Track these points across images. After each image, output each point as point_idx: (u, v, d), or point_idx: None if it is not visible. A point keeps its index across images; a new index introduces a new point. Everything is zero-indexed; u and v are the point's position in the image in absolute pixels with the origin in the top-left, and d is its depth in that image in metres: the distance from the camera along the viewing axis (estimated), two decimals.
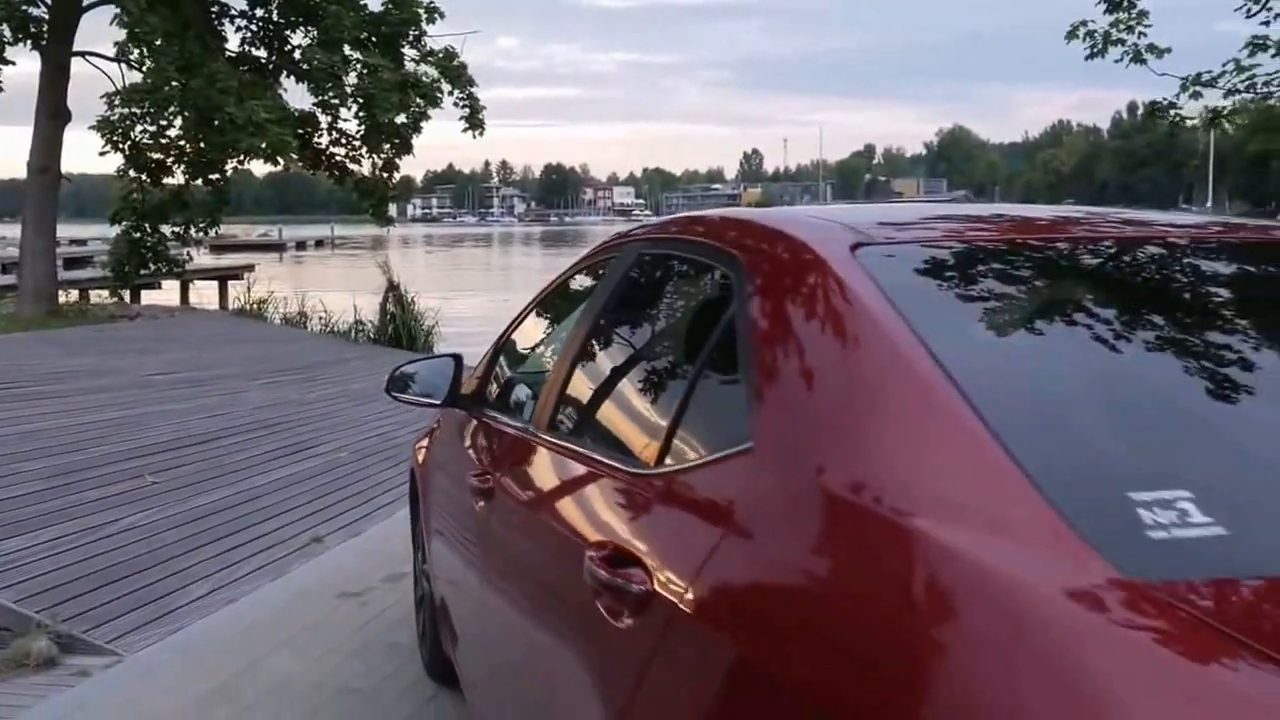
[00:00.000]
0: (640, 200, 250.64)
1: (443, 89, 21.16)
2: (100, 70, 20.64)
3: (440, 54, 21.25)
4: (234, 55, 21.17)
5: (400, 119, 20.83)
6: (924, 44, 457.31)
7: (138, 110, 20.30)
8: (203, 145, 20.34)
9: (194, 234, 22.47)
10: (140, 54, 20.44)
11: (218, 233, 24.18)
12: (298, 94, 21.80)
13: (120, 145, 20.88)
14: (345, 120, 21.61)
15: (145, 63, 20.42)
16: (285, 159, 19.75)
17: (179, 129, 20.72)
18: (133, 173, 21.35)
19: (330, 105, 21.17)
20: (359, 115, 21.01)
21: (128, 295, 23.08)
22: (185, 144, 21.03)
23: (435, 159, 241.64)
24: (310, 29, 20.96)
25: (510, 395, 3.66)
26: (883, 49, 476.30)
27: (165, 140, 21.10)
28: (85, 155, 20.43)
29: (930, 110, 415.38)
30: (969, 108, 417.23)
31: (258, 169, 22.69)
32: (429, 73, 21.25)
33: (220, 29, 21.29)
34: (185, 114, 19.63)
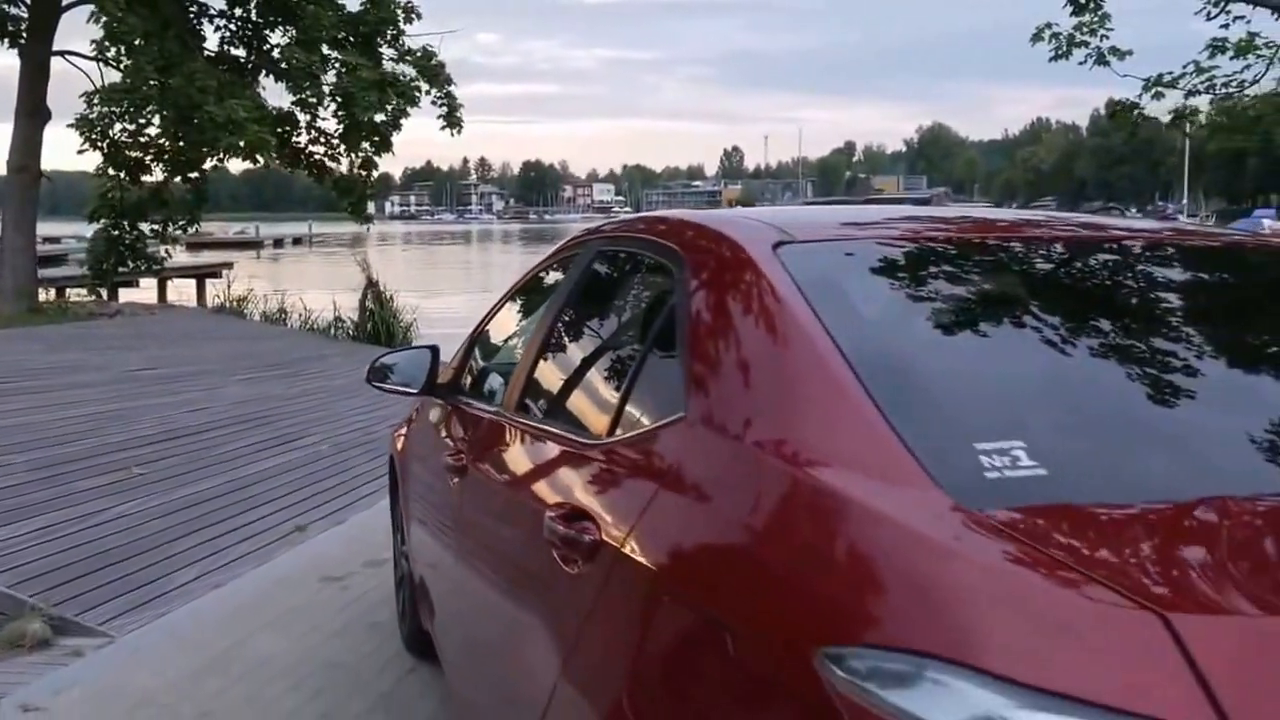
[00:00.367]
0: (620, 197, 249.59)
1: (421, 88, 21.33)
2: (79, 69, 20.75)
3: (418, 53, 21.44)
4: (213, 55, 21.26)
5: (379, 118, 20.97)
6: (904, 41, 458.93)
7: (116, 109, 20.39)
8: (182, 144, 20.41)
9: (173, 232, 22.56)
10: (118, 52, 20.50)
11: (197, 230, 24.26)
12: (276, 93, 21.92)
13: (99, 144, 20.92)
14: (324, 119, 21.76)
15: (123, 61, 20.48)
16: (265, 158, 19.89)
17: (158, 127, 20.80)
18: (111, 171, 21.36)
19: (308, 104, 21.29)
20: (337, 114, 21.17)
21: (104, 293, 23.12)
22: (164, 142, 21.10)
23: (413, 156, 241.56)
24: (289, 28, 21.09)
25: (483, 382, 3.91)
26: (864, 46, 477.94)
27: (144, 139, 21.19)
28: (57, 152, 20.44)
29: (910, 108, 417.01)
30: (949, 105, 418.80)
31: (234, 166, 22.74)
32: (407, 72, 21.42)
33: (199, 28, 21.39)
34: (164, 113, 19.70)
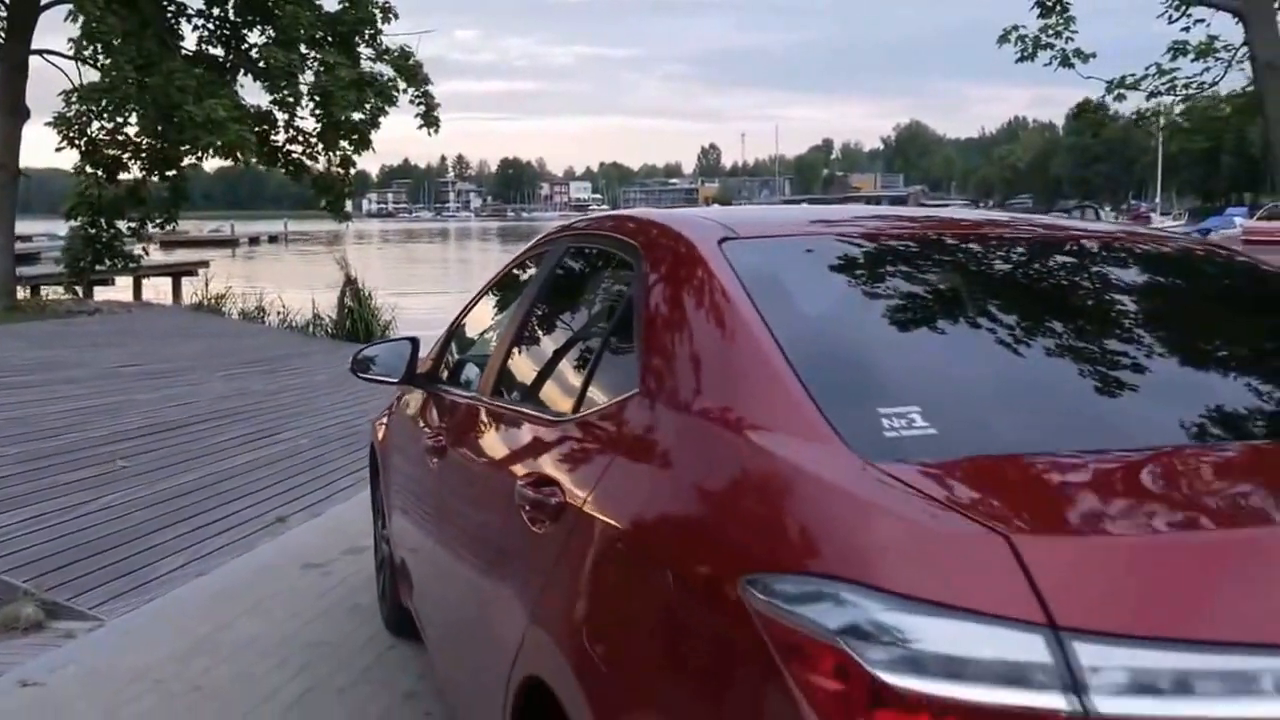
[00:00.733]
0: (597, 195, 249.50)
1: (399, 87, 21.54)
2: (56, 67, 20.84)
3: (396, 53, 21.65)
4: (191, 54, 21.39)
5: (357, 116, 21.17)
6: (883, 40, 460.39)
7: (94, 107, 20.49)
8: (162, 143, 20.53)
9: (150, 229, 22.66)
10: (94, 51, 20.59)
11: (174, 228, 24.36)
12: (254, 91, 22.01)
13: (76, 142, 21.05)
14: (302, 118, 21.94)
15: (99, 59, 20.55)
16: (245, 156, 20.04)
17: (136, 126, 20.96)
18: (89, 169, 21.46)
19: (286, 103, 21.44)
20: (315, 113, 21.34)
21: (80, 291, 23.17)
22: (142, 140, 21.23)
23: (391, 154, 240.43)
24: (267, 28, 21.25)
25: (460, 371, 4.16)
26: (841, 44, 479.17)
27: (123, 137, 21.33)
28: (28, 150, 20.39)
29: (888, 105, 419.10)
30: (927, 103, 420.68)
31: (209, 164, 22.81)
32: (385, 71, 21.64)
33: (177, 28, 21.51)
34: (144, 112, 19.82)
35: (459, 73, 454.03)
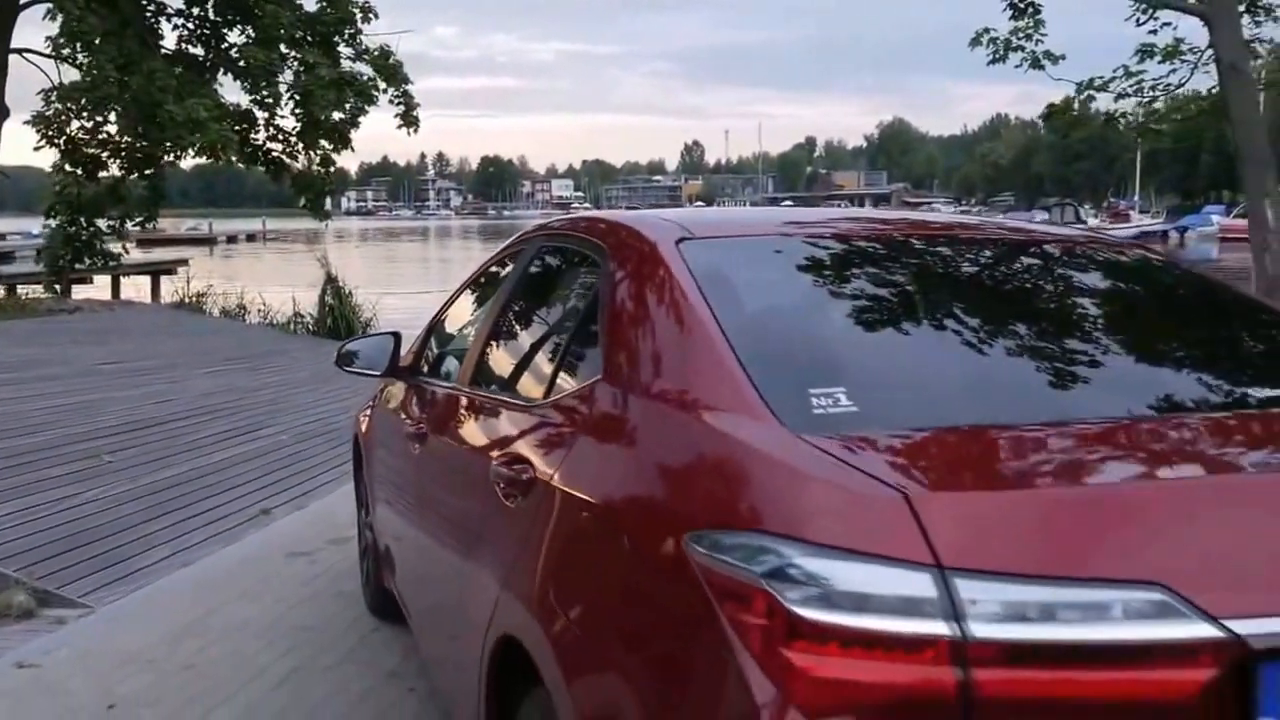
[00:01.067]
0: (580, 193, 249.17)
1: (379, 87, 21.70)
2: (36, 66, 20.90)
3: (376, 52, 21.80)
4: (170, 53, 21.47)
5: (337, 116, 21.31)
6: (866, 37, 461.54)
7: (74, 106, 20.57)
8: (142, 142, 20.62)
9: (130, 228, 22.75)
10: (73, 50, 20.64)
11: (154, 226, 24.44)
12: (233, 90, 22.09)
13: (56, 140, 21.14)
14: (282, 116, 22.05)
15: (79, 58, 20.61)
16: (227, 155, 20.18)
17: (116, 124, 21.01)
18: (68, 167, 21.53)
19: (266, 103, 21.57)
20: (295, 112, 21.48)
21: (58, 289, 23.23)
22: (123, 139, 21.32)
23: (370, 151, 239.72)
24: (247, 28, 21.37)
25: (441, 363, 4.39)
26: (824, 41, 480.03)
27: (103, 136, 21.42)
28: (3, 148, 20.46)
29: (871, 103, 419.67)
30: (909, 101, 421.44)
31: (186, 161, 22.86)
32: (364, 71, 21.79)
33: (156, 27, 21.62)
34: (124, 111, 19.89)
35: (440, 70, 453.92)
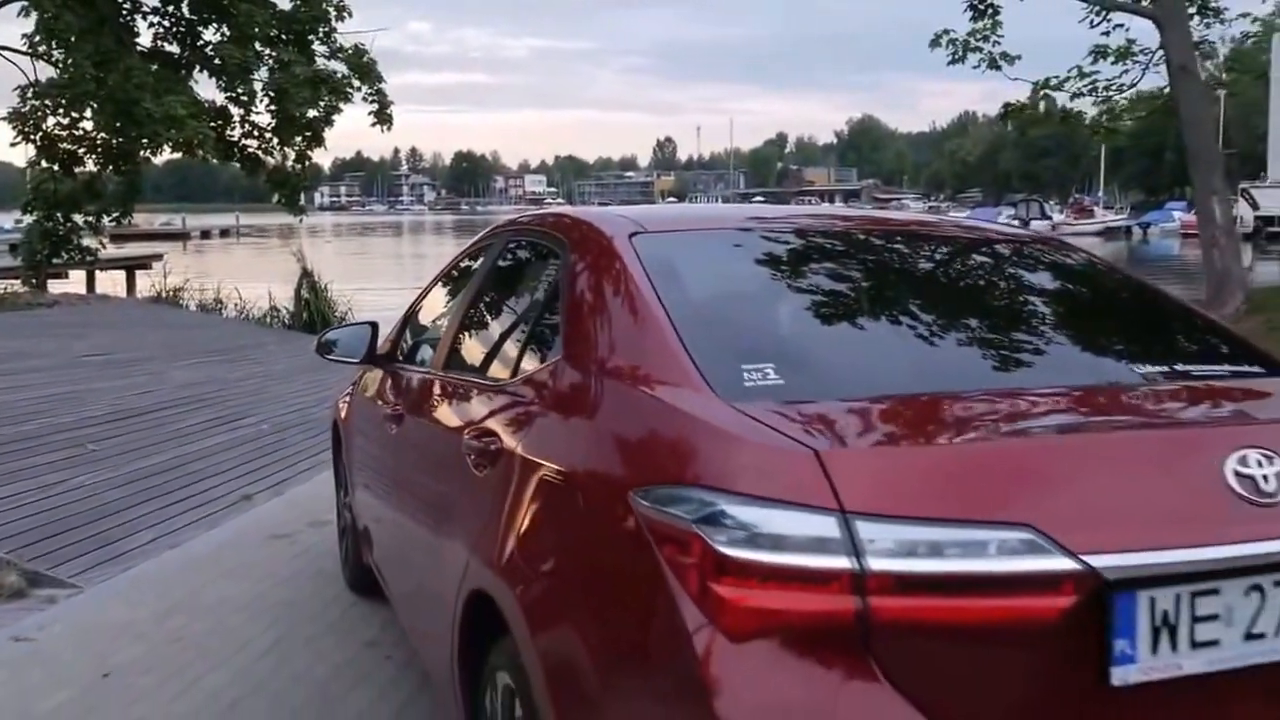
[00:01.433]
0: (553, 189, 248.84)
1: (353, 84, 21.88)
2: (12, 63, 20.98)
3: (350, 50, 21.96)
4: (146, 50, 21.56)
5: (312, 113, 21.46)
6: (835, 34, 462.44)
7: (50, 103, 20.68)
8: (119, 139, 20.73)
9: (107, 224, 22.85)
10: (49, 48, 20.66)
11: (130, 221, 24.53)
12: (209, 87, 22.18)
13: (32, 137, 21.22)
14: (258, 113, 22.17)
15: (54, 55, 20.66)
16: (206, 152, 20.32)
17: (92, 121, 21.07)
18: (45, 163, 21.58)
19: (241, 100, 21.72)
20: (270, 109, 21.62)
21: (35, 283, 23.27)
22: (99, 135, 21.41)
23: (344, 147, 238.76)
24: (222, 25, 21.47)
25: (416, 351, 4.67)
26: (796, 38, 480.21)
27: (79, 132, 21.48)
28: None
29: (841, 99, 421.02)
30: (879, 98, 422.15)
31: (159, 156, 22.92)
32: (339, 69, 21.94)
33: (132, 24, 21.68)
34: (102, 108, 19.98)
35: (413, 65, 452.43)
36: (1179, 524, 2.07)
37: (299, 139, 22.32)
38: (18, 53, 20.87)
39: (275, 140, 22.37)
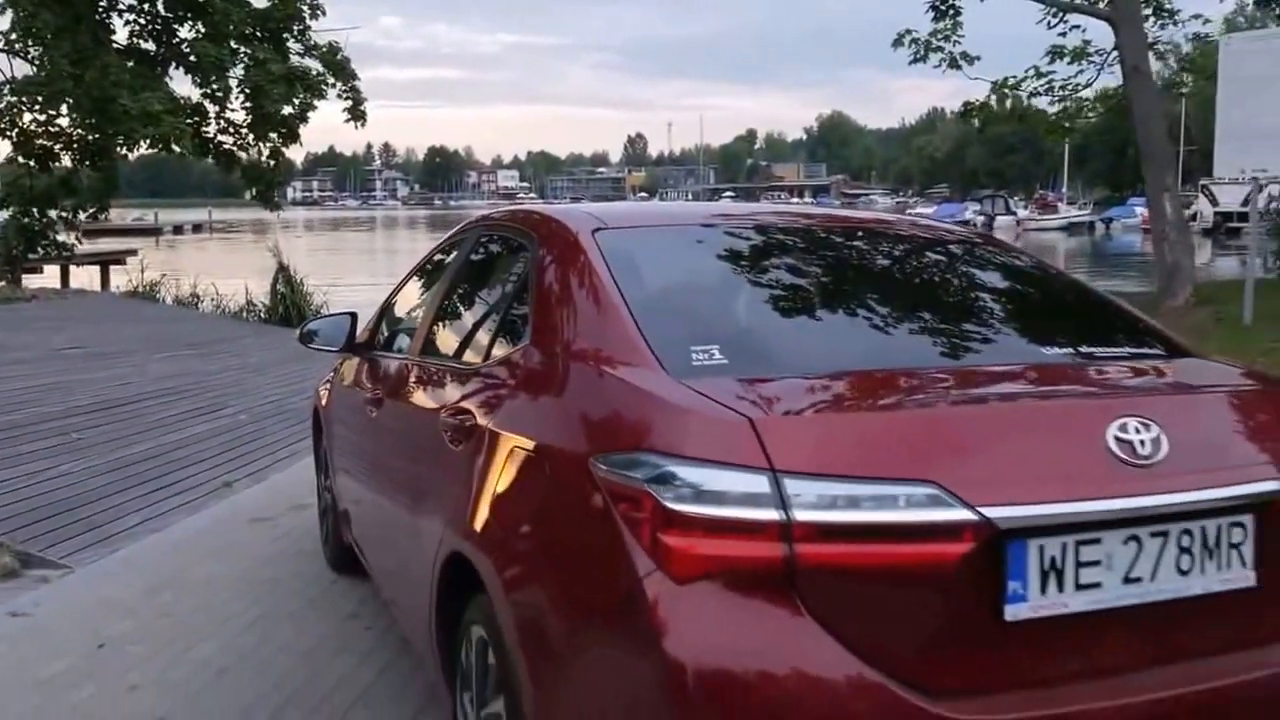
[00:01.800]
0: (525, 183, 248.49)
1: (328, 82, 22.06)
2: None
3: (324, 48, 22.13)
4: (122, 47, 21.66)
5: (287, 110, 21.63)
6: (805, 30, 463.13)
7: (27, 100, 20.77)
8: (95, 136, 20.82)
9: (83, 219, 22.95)
10: (24, 45, 20.74)
11: (106, 217, 24.62)
12: (184, 83, 22.27)
13: (7, 133, 21.26)
14: (233, 110, 22.29)
15: (30, 52, 20.72)
16: (183, 148, 20.45)
17: (69, 118, 21.17)
18: (20, 159, 21.65)
19: (216, 96, 21.84)
20: (245, 106, 21.77)
21: (9, 278, 23.30)
22: (75, 132, 21.49)
23: (316, 141, 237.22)
24: (197, 23, 21.59)
25: (394, 339, 4.96)
26: (766, 35, 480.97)
27: (56, 129, 21.57)
28: None
29: (811, 96, 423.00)
30: (848, 94, 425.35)
31: (131, 152, 22.99)
32: (314, 66, 22.09)
33: (108, 22, 21.77)
34: (80, 105, 20.06)
35: (385, 60, 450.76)
36: (1065, 482, 2.38)
37: (274, 135, 22.46)
38: None
39: (251, 137, 22.51)
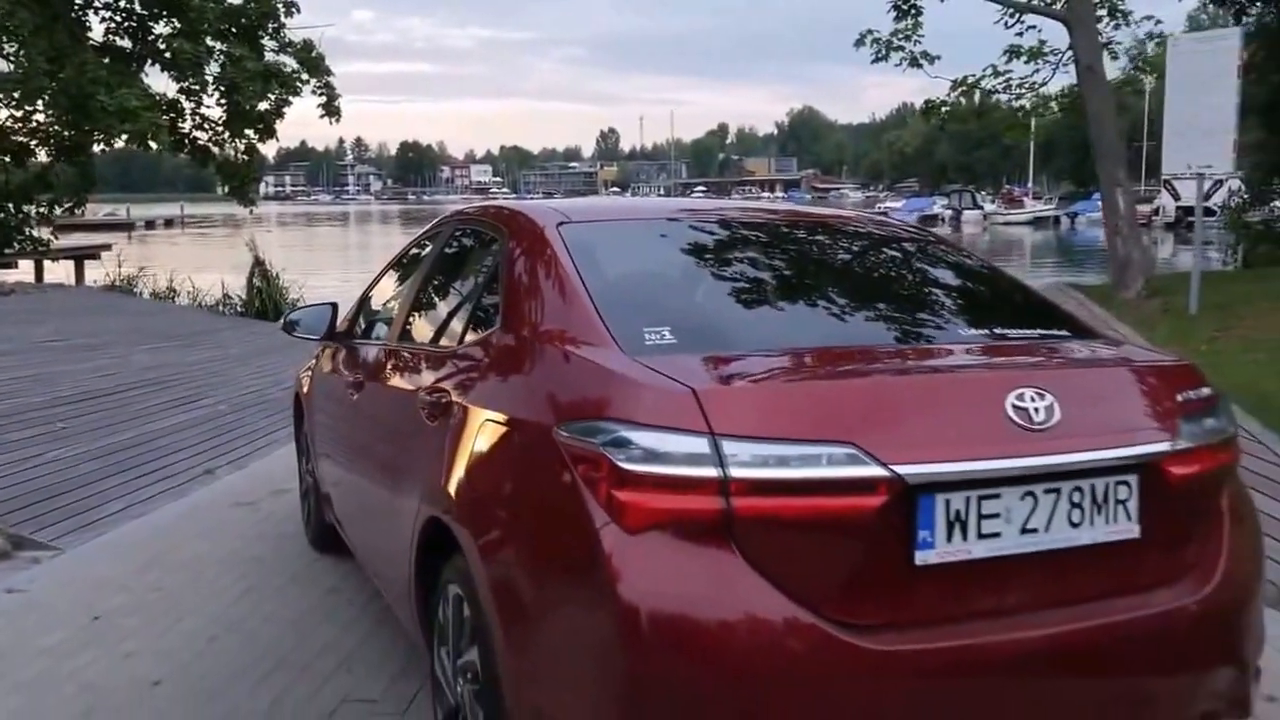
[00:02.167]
0: (498, 179, 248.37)
1: (303, 79, 22.27)
2: None
3: (299, 45, 22.34)
4: (98, 45, 21.83)
5: (263, 106, 21.85)
6: (776, 26, 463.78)
7: (3, 96, 20.86)
8: (72, 131, 20.95)
9: (59, 214, 23.08)
10: (2, 43, 20.86)
11: (82, 211, 24.71)
12: (160, 81, 22.44)
13: None
14: (208, 106, 22.51)
15: (7, 49, 20.83)
16: (159, 144, 20.60)
17: (46, 114, 21.30)
18: None
19: (193, 92, 22.02)
20: (221, 102, 21.94)
21: None
22: (52, 128, 21.62)
23: (289, 136, 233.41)
24: (173, 20, 21.75)
25: (372, 327, 5.26)
26: (737, 30, 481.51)
27: (33, 124, 21.71)
28: None
29: (782, 91, 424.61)
30: (819, 89, 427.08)
31: (101, 146, 23.06)
32: (289, 63, 22.33)
33: (84, 19, 21.95)
34: (56, 101, 20.19)
35: (357, 54, 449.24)
36: (968, 444, 2.71)
37: (250, 131, 22.64)
38: None
39: (226, 133, 22.67)
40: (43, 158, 22.41)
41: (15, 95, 20.48)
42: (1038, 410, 2.76)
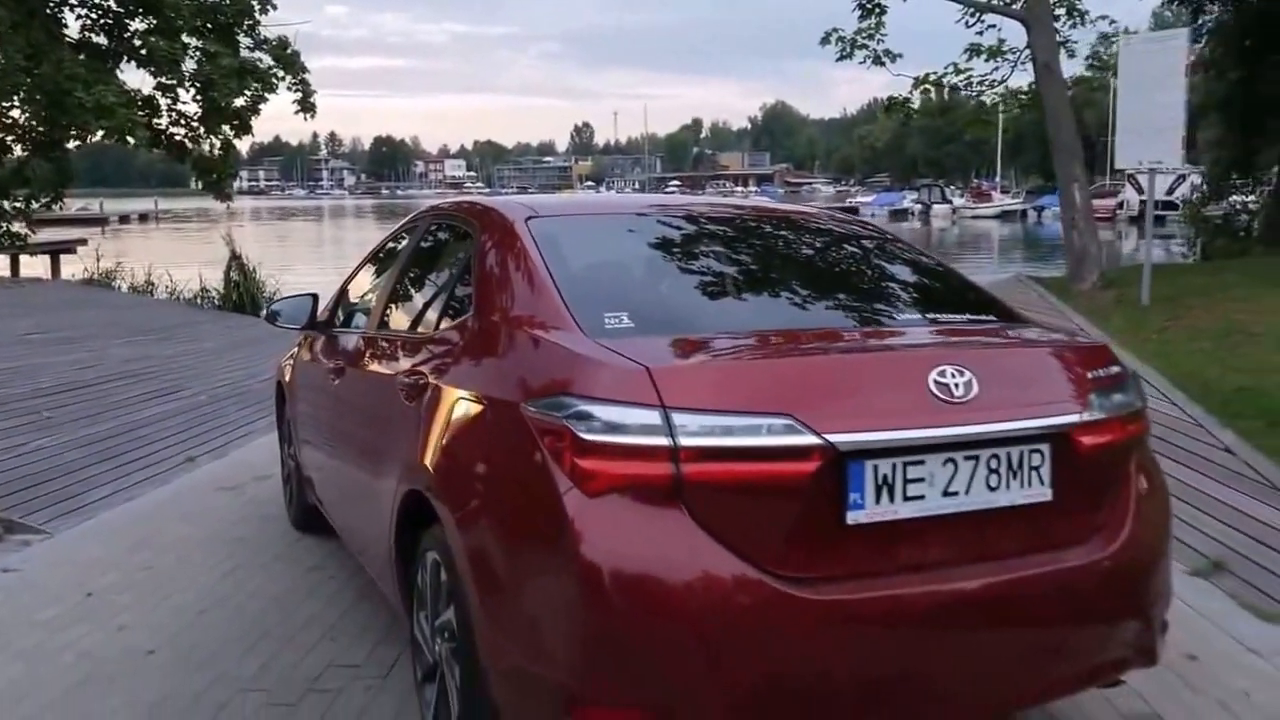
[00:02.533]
0: (472, 173, 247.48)
1: (279, 75, 22.41)
2: None
3: (275, 42, 22.48)
4: (74, 42, 21.88)
5: (239, 103, 21.97)
6: (749, 21, 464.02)
7: None
8: (49, 127, 20.96)
9: (37, 209, 23.15)
10: None
11: (60, 207, 24.75)
12: (135, 77, 22.55)
13: None
14: (185, 103, 22.56)
15: None
16: (137, 140, 20.70)
17: (22, 110, 21.38)
18: None
19: (169, 89, 22.13)
20: (197, 99, 22.05)
21: None
22: (28, 124, 21.68)
23: (263, 131, 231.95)
24: (149, 17, 21.81)
25: (351, 316, 5.53)
26: (710, 25, 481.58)
27: (9, 120, 21.76)
28: None
29: (755, 86, 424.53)
30: (791, 84, 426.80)
31: (75, 142, 23.18)
32: (264, 60, 22.44)
33: (60, 16, 22.00)
34: (33, 98, 20.26)
35: (331, 49, 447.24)
36: (894, 415, 3.00)
37: (226, 127, 22.75)
38: None
39: (202, 129, 22.78)
40: (19, 153, 22.44)
41: None
42: (958, 385, 3.05)
